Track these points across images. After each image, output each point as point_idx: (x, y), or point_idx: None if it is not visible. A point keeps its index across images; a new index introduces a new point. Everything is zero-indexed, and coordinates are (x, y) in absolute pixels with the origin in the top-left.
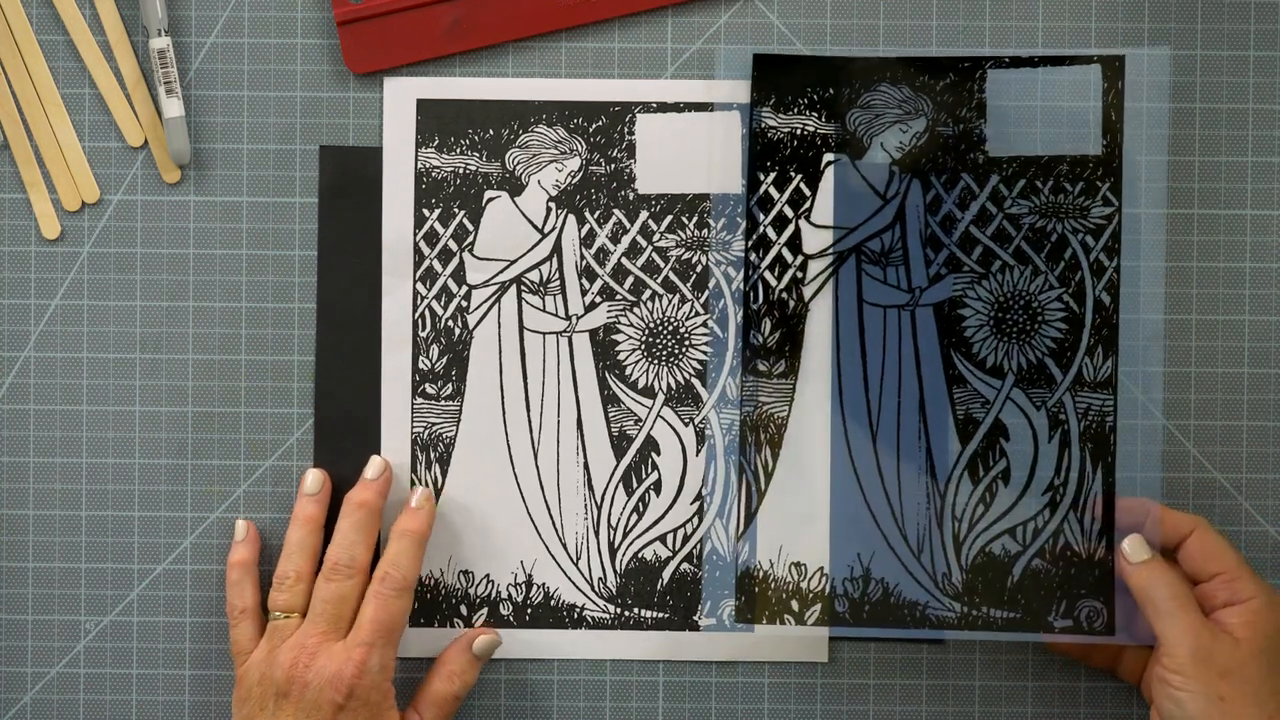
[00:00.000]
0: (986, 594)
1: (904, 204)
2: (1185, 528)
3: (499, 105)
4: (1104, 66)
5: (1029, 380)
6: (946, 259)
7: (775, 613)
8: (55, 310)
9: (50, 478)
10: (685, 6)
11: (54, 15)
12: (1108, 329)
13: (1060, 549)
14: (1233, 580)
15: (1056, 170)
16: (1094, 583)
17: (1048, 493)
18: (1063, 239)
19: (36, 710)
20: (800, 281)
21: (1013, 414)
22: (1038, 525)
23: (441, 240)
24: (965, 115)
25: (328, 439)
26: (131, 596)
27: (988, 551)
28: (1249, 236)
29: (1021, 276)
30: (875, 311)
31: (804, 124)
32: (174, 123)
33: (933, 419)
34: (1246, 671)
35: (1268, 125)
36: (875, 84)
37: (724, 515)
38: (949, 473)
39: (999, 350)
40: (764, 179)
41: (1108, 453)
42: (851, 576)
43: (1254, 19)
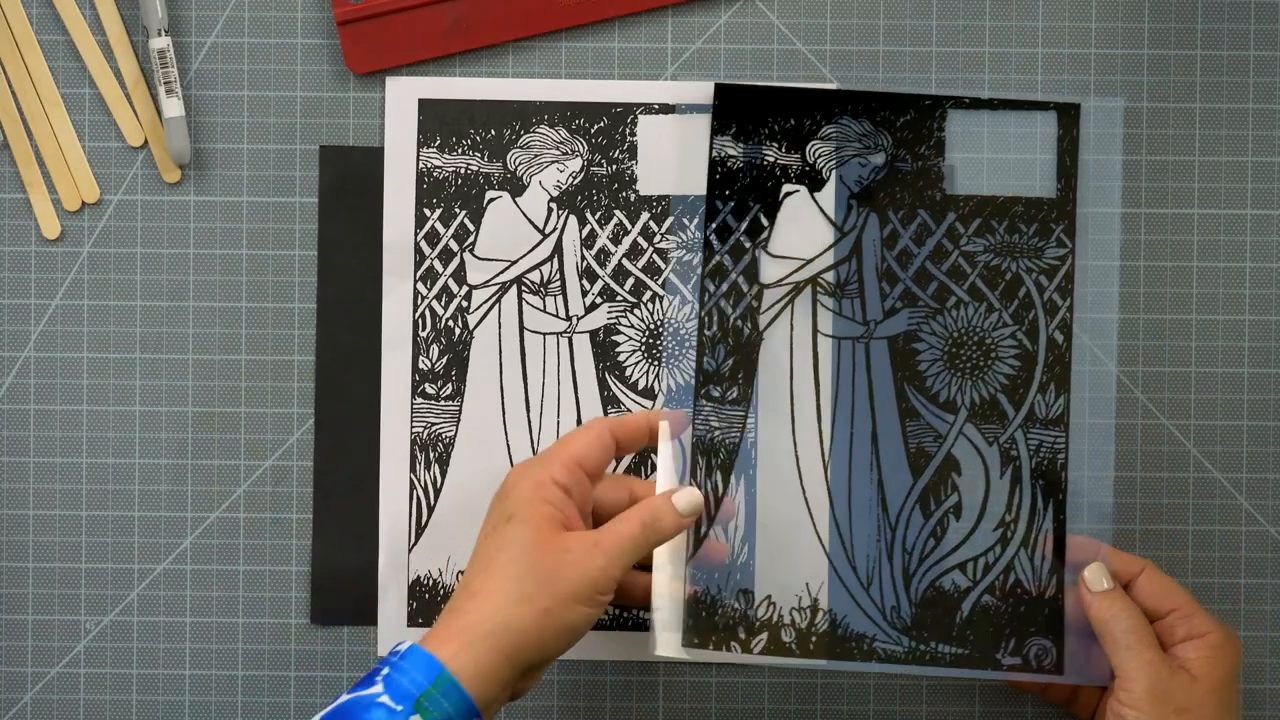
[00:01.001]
0: (935, 629)
1: (861, 237)
2: (1134, 568)
3: (501, 105)
4: (1059, 114)
5: (982, 415)
6: (902, 293)
7: (722, 639)
8: (55, 310)
9: (50, 478)
10: (685, 6)
11: (54, 15)
12: (1060, 367)
13: (1010, 586)
14: (1189, 616)
15: (1012, 211)
16: (1044, 621)
17: (999, 529)
18: (1017, 278)
19: (36, 710)
20: (756, 310)
21: (965, 449)
22: (988, 561)
23: (442, 240)
24: (924, 152)
25: (328, 439)
26: (131, 596)
27: (937, 586)
28: (1249, 236)
29: (976, 313)
30: (829, 343)
31: (764, 155)
32: (174, 123)
33: (885, 451)
34: (1203, 710)
35: (1268, 125)
36: (836, 117)
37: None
38: (900, 505)
39: (952, 385)
40: (722, 208)
41: (1059, 490)
42: (799, 606)
43: (1254, 19)
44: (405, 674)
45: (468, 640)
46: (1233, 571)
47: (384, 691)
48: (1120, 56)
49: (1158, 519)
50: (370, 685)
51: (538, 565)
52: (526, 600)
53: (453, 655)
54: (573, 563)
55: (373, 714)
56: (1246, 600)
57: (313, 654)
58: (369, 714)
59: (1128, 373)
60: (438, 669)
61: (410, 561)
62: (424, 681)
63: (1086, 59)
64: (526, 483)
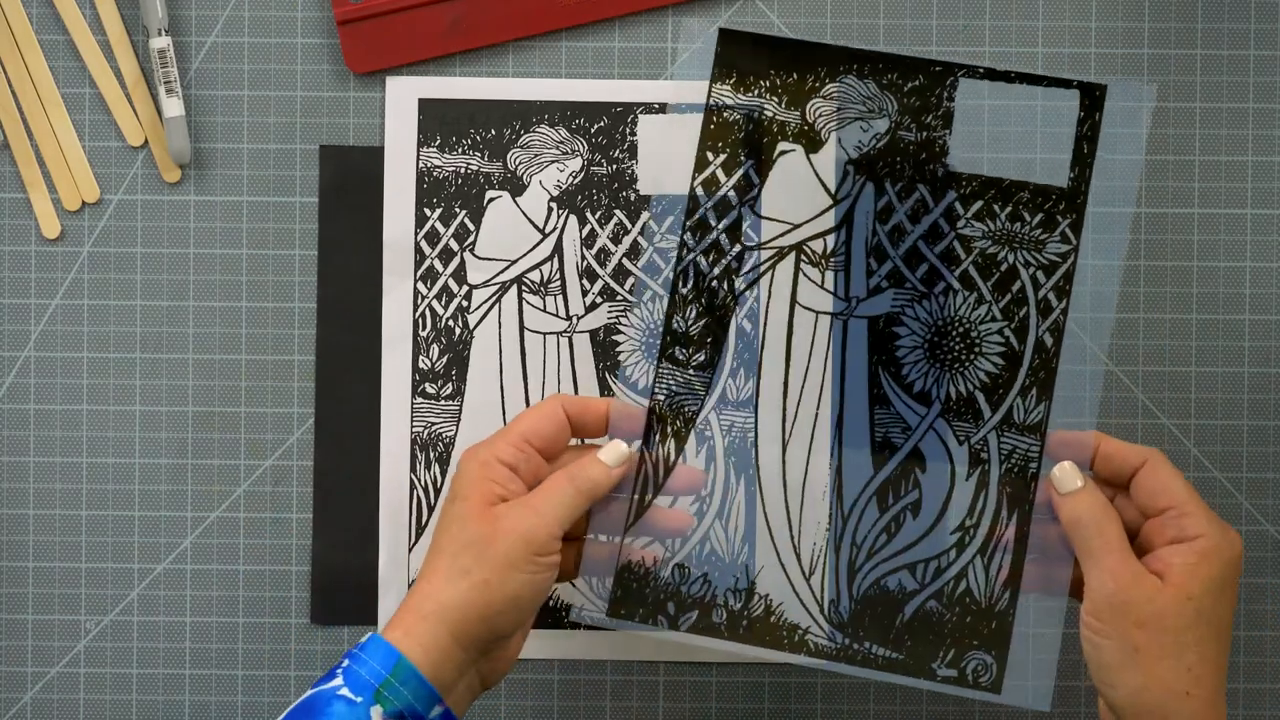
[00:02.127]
0: (872, 629)
1: (854, 207)
2: (1136, 460)
3: (501, 105)
4: (1082, 94)
5: (956, 412)
6: (889, 272)
7: (649, 613)
8: (55, 310)
9: (50, 478)
10: (685, 6)
11: (54, 15)
12: (1045, 372)
13: (960, 594)
14: (1181, 516)
15: (1017, 197)
16: (988, 635)
17: (957, 533)
18: (1013, 270)
19: (36, 710)
20: (734, 272)
21: (933, 444)
22: (940, 565)
23: (443, 240)
24: (930, 123)
25: (328, 439)
26: (131, 596)
27: (882, 585)
28: (1249, 236)
29: (964, 302)
30: (807, 316)
31: (762, 107)
32: (174, 122)
33: (849, 437)
34: (1166, 621)
35: (1268, 125)
36: (841, 75)
37: (723, 517)
38: (857, 496)
39: (929, 376)
40: (713, 160)
41: (1025, 500)
42: (735, 588)
43: (1254, 19)
44: (364, 665)
45: (413, 622)
46: None
47: (344, 684)
48: (1120, 56)
49: None
50: (332, 678)
51: (472, 537)
52: (464, 574)
53: (402, 639)
54: (505, 529)
55: (334, 707)
56: (1246, 600)
57: (313, 654)
58: (330, 708)
59: (1128, 373)
60: (395, 657)
61: (410, 561)
62: (382, 671)
63: (1086, 59)
64: (473, 464)
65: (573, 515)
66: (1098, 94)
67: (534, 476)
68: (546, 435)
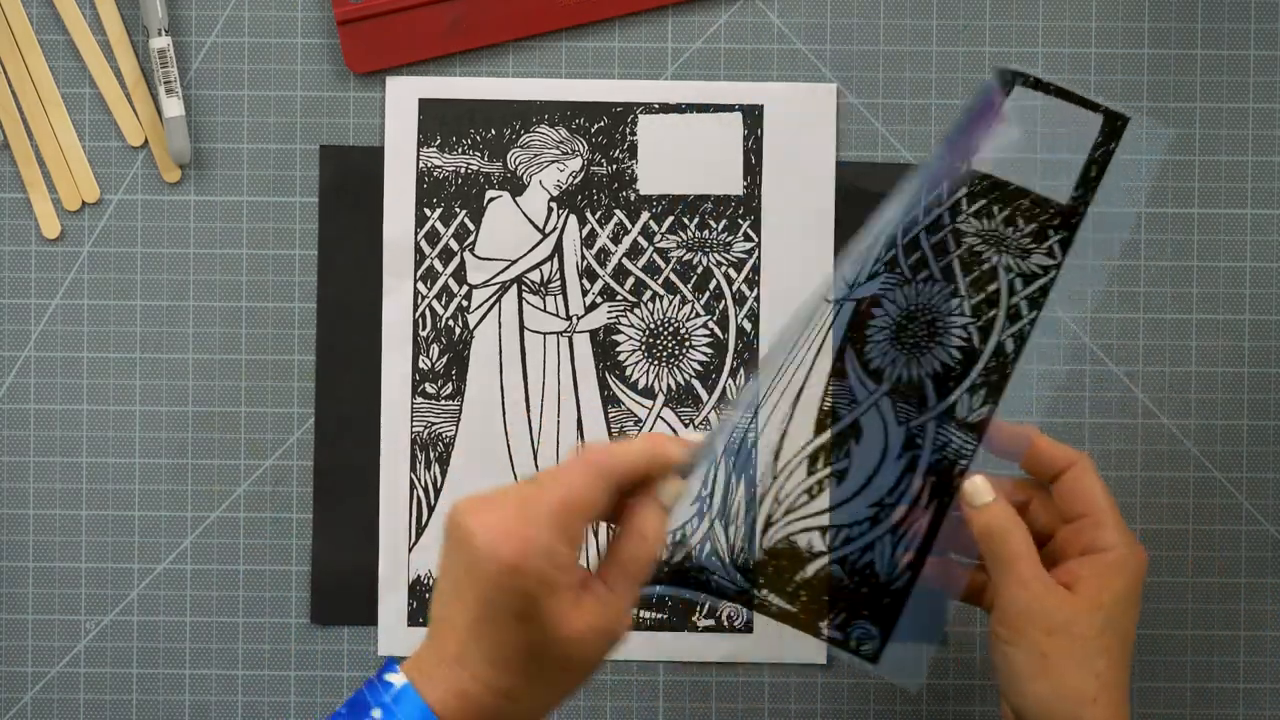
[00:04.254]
0: (774, 580)
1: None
2: (1063, 462)
3: (501, 105)
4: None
5: (902, 395)
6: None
7: None
8: (55, 310)
9: (50, 477)
10: (685, 6)
11: (54, 15)
12: (999, 376)
13: (862, 566)
14: (1096, 527)
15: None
16: (879, 610)
17: (874, 508)
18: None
19: (36, 710)
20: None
21: (873, 420)
22: (850, 534)
23: (443, 240)
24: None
25: (328, 439)
26: (131, 596)
27: (791, 540)
28: (1249, 236)
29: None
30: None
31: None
32: (174, 122)
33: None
34: (1074, 629)
35: (1268, 125)
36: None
37: (724, 517)
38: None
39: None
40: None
41: (947, 493)
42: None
43: (1254, 19)
44: None
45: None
46: (1233, 571)
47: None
48: (1120, 56)
49: (1158, 519)
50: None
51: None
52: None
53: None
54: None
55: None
56: (1246, 600)
57: (313, 654)
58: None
59: (1128, 373)
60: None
61: (410, 561)
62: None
63: (1086, 59)
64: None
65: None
66: (1119, 124)
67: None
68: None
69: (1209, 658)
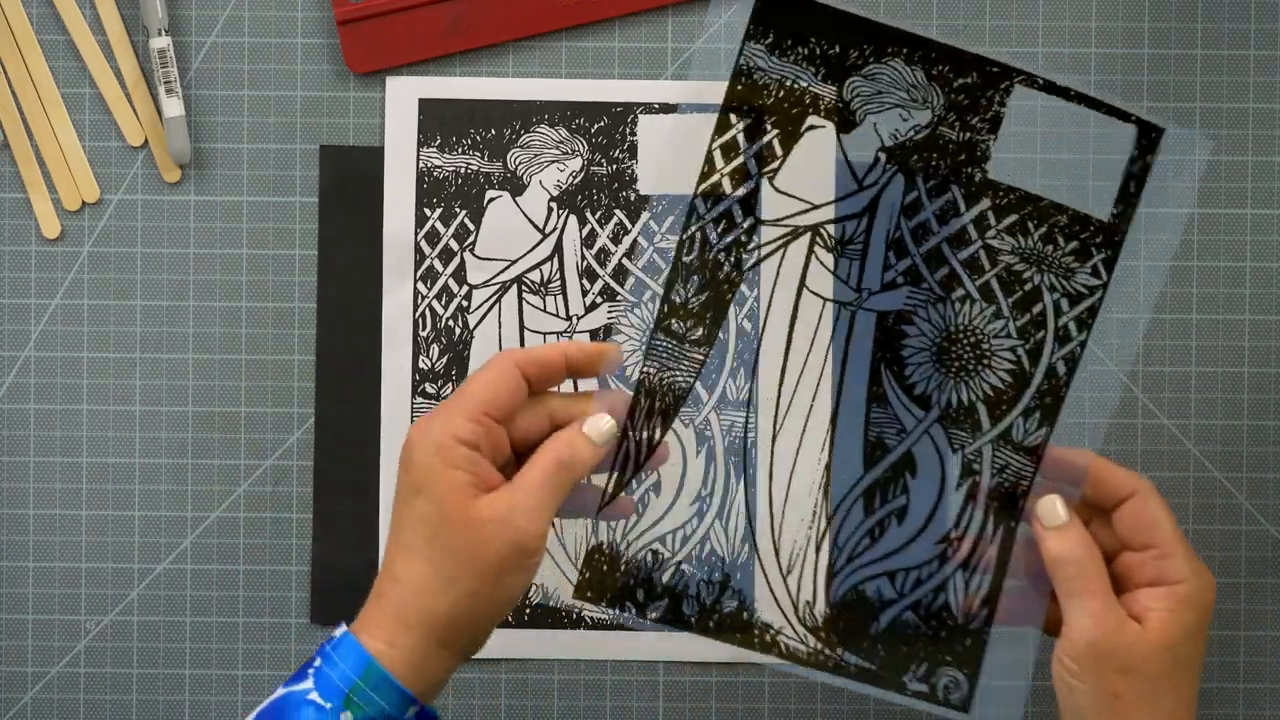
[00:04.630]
0: (846, 636)
1: (879, 196)
2: (1126, 489)
3: (501, 105)
4: (1139, 132)
5: (953, 420)
6: (908, 269)
7: (617, 597)
8: (55, 310)
9: (50, 477)
10: (685, 6)
11: (54, 15)
12: (1053, 398)
13: (937, 608)
14: (1164, 558)
15: (1054, 220)
16: (962, 653)
17: (941, 544)
18: (1036, 291)
19: (36, 710)
20: (741, 245)
21: (926, 450)
22: (921, 576)
23: (443, 240)
24: (975, 124)
25: (328, 439)
26: (131, 596)
27: (860, 590)
28: (1249, 236)
29: (981, 314)
30: (814, 302)
31: (797, 77)
32: (174, 122)
33: (842, 434)
34: (1148, 668)
35: (1268, 125)
36: (888, 57)
37: (723, 517)
38: (844, 496)
39: (932, 380)
40: (736, 122)
41: (1012, 517)
42: (709, 579)
43: (1254, 19)
44: (335, 667)
45: (398, 631)
46: (1233, 571)
47: (314, 687)
48: (1120, 56)
49: None
50: (302, 678)
51: (455, 546)
52: (451, 584)
53: (384, 648)
54: (491, 535)
55: (303, 713)
56: (1246, 600)
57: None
58: (299, 713)
59: (1128, 372)
60: (365, 660)
61: None
62: (352, 675)
63: (1086, 59)
64: (427, 447)
65: (561, 501)
66: (1154, 135)
67: (495, 451)
68: (505, 404)
69: (1209, 658)
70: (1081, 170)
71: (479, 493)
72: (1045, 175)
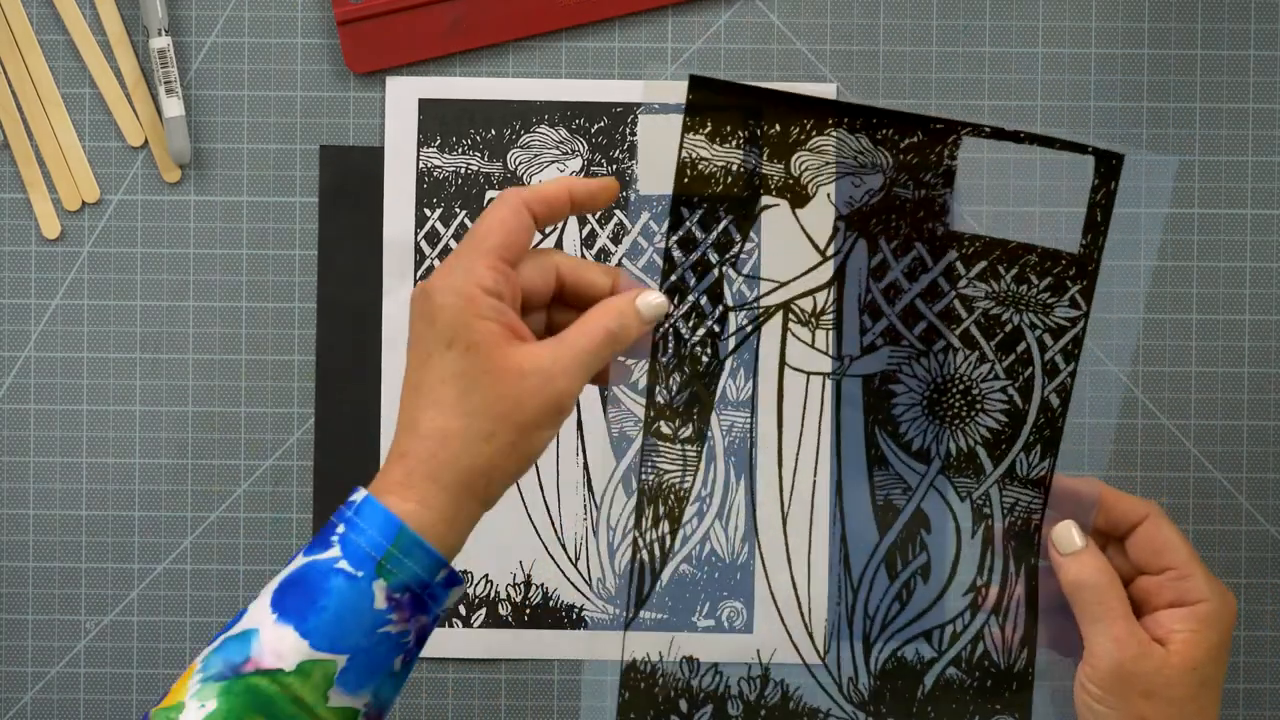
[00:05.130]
0: (895, 705)
1: (846, 264)
2: (1136, 515)
3: (501, 105)
4: (1097, 162)
5: (956, 468)
6: (884, 329)
7: (661, 713)
8: (55, 310)
9: (50, 478)
10: (685, 6)
11: (54, 15)
12: (1050, 430)
13: (978, 658)
14: (1183, 579)
15: (1024, 260)
16: (1010, 698)
17: (969, 594)
18: (1018, 331)
19: (36, 710)
20: (717, 336)
21: (935, 503)
22: (956, 630)
23: (443, 240)
24: (929, 180)
25: (328, 439)
26: (131, 596)
27: (899, 656)
28: (1249, 236)
29: (965, 361)
30: (797, 378)
31: (742, 160)
32: (174, 122)
33: (850, 503)
34: (1173, 691)
35: (1268, 125)
36: (830, 128)
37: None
38: (864, 564)
39: (928, 433)
40: (688, 216)
41: (1031, 554)
42: (749, 676)
43: (1254, 19)
44: (362, 534)
45: (430, 491)
46: (1233, 571)
47: (342, 555)
48: (1120, 56)
49: None
50: (326, 547)
51: (494, 397)
52: (489, 438)
53: (416, 509)
54: (534, 389)
55: (332, 581)
56: (1246, 600)
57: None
58: (328, 581)
59: (1128, 372)
60: (395, 525)
61: None
62: (383, 542)
63: (1086, 59)
64: (454, 299)
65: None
66: (1114, 162)
67: (514, 295)
68: (517, 244)
69: None
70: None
71: (516, 343)
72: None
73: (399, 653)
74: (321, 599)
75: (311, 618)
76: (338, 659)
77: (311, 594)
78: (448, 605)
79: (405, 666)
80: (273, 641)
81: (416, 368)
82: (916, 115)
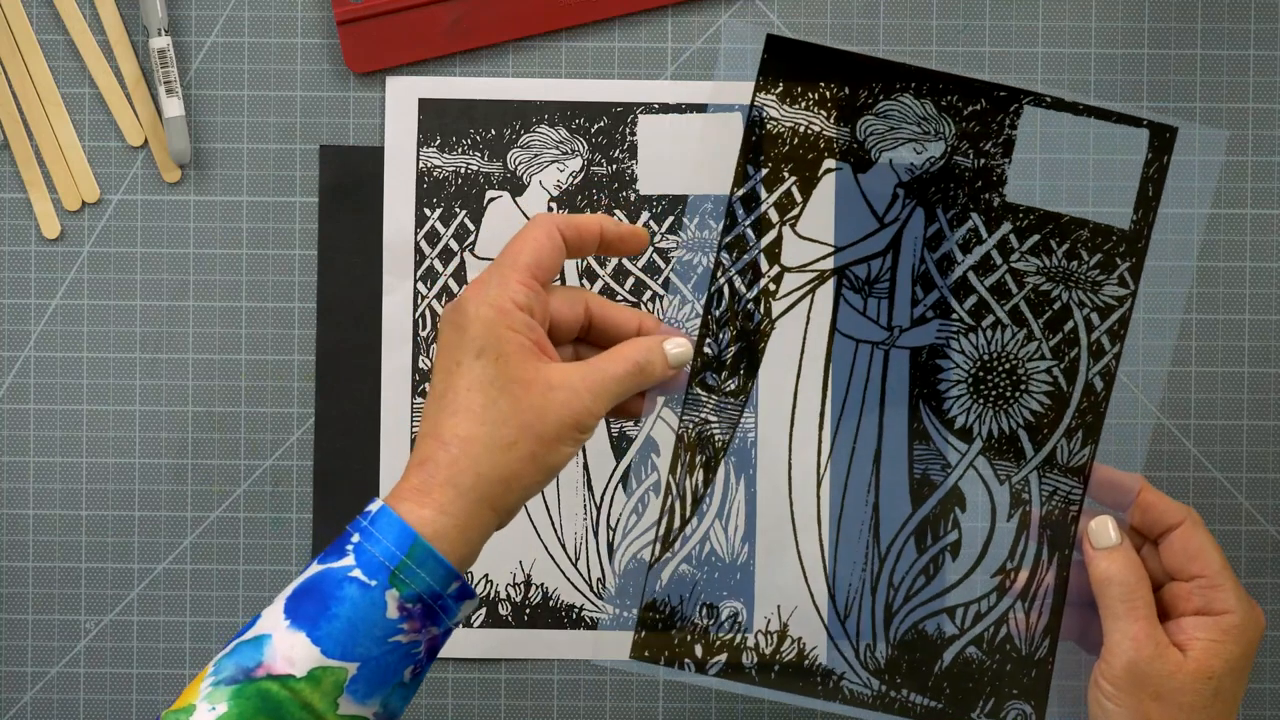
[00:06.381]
0: (910, 676)
1: (902, 232)
2: (1173, 518)
3: (501, 105)
4: (1152, 134)
5: (997, 450)
6: (936, 302)
7: (676, 655)
8: (55, 310)
9: (50, 478)
10: (685, 6)
11: (54, 15)
12: (1093, 416)
13: (1000, 641)
14: (1212, 588)
15: (1076, 234)
16: (1028, 685)
17: (997, 576)
18: (1066, 309)
19: (36, 710)
20: (771, 295)
21: (973, 483)
22: (980, 610)
23: (443, 240)
24: (989, 150)
25: (328, 439)
26: (131, 596)
27: (920, 629)
28: (1249, 236)
29: (1013, 339)
30: (846, 344)
31: (810, 122)
32: (174, 122)
33: (886, 474)
34: (1183, 697)
35: (1268, 125)
36: (897, 93)
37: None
38: (894, 535)
39: (971, 411)
40: (753, 174)
41: (1067, 544)
42: (766, 630)
43: (1254, 19)
44: (377, 543)
45: (449, 496)
46: None
47: (355, 564)
48: (1120, 56)
49: None
50: (341, 556)
51: (521, 406)
52: (510, 447)
53: (433, 517)
54: (560, 402)
55: (345, 590)
56: None
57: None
58: (342, 589)
59: (1128, 372)
60: (410, 536)
61: None
62: (397, 552)
63: (1086, 59)
64: (487, 310)
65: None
66: (1167, 135)
67: (544, 314)
68: (549, 266)
69: None
70: (1099, 181)
71: (545, 359)
72: (1063, 192)
73: (409, 663)
74: (334, 606)
75: (324, 625)
76: (348, 667)
77: (325, 601)
78: (459, 618)
79: (415, 678)
80: (285, 647)
81: (444, 376)
82: (982, 81)
